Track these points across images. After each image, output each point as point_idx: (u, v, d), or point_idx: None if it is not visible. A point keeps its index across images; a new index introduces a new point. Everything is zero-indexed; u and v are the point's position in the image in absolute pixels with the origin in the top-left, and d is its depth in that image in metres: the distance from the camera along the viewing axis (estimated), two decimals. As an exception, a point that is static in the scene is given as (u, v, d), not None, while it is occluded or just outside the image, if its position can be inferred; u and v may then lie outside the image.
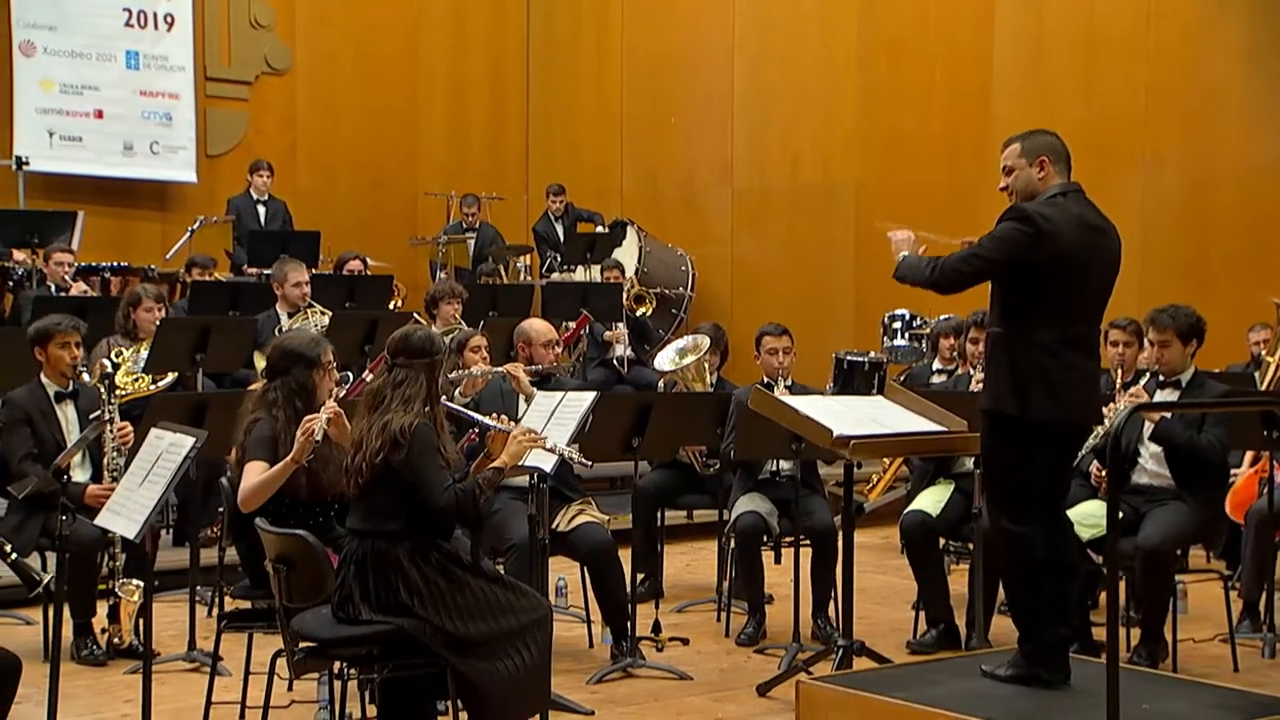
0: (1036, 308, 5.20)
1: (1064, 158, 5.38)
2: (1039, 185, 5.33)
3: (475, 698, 4.76)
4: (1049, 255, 5.15)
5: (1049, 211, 5.21)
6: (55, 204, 12.49)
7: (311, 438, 5.01)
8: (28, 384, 6.80)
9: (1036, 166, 5.34)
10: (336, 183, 14.66)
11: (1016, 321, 5.24)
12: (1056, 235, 5.15)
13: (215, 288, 10.20)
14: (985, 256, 5.24)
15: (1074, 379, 5.21)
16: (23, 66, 13.08)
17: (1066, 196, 5.29)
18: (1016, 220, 5.20)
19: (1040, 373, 5.15)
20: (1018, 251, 5.17)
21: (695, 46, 14.65)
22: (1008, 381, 5.21)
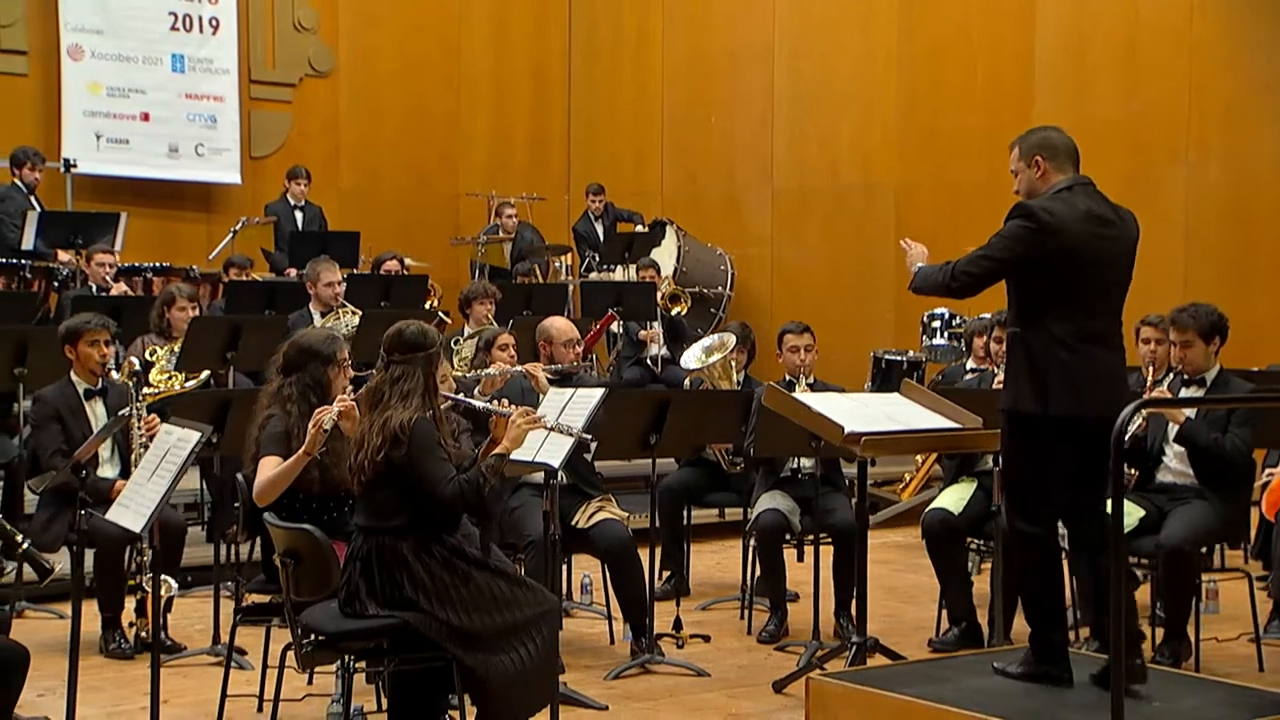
0: (1049, 303, 5.16)
1: (1063, 152, 5.29)
2: (1039, 184, 5.27)
3: (481, 691, 4.80)
4: (1056, 249, 5.10)
5: (1053, 205, 5.16)
6: (102, 205, 12.67)
7: (321, 429, 5.06)
8: (58, 382, 6.92)
9: (1033, 167, 5.28)
10: (379, 183, 14.78)
11: (1031, 318, 5.21)
12: (1061, 228, 5.10)
13: (251, 287, 10.31)
14: (993, 257, 5.20)
15: (1093, 373, 5.15)
16: (71, 70, 13.27)
17: (1073, 190, 5.22)
18: (1020, 217, 5.16)
19: (1059, 368, 5.11)
20: (1024, 248, 5.12)
21: (736, 46, 14.66)
22: (1026, 379, 5.17)
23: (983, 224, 13.87)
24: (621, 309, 10.81)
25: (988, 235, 5.45)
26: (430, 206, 14.86)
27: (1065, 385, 5.11)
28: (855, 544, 7.00)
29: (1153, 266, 11.52)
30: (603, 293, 11.07)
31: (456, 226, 14.55)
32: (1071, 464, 5.21)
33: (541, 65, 15.78)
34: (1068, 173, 5.28)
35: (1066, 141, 5.35)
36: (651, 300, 11.09)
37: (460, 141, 15.32)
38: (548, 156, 15.75)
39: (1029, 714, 4.88)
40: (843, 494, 7.30)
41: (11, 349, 7.55)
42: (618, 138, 15.61)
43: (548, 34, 15.80)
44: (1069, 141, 5.36)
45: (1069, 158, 5.31)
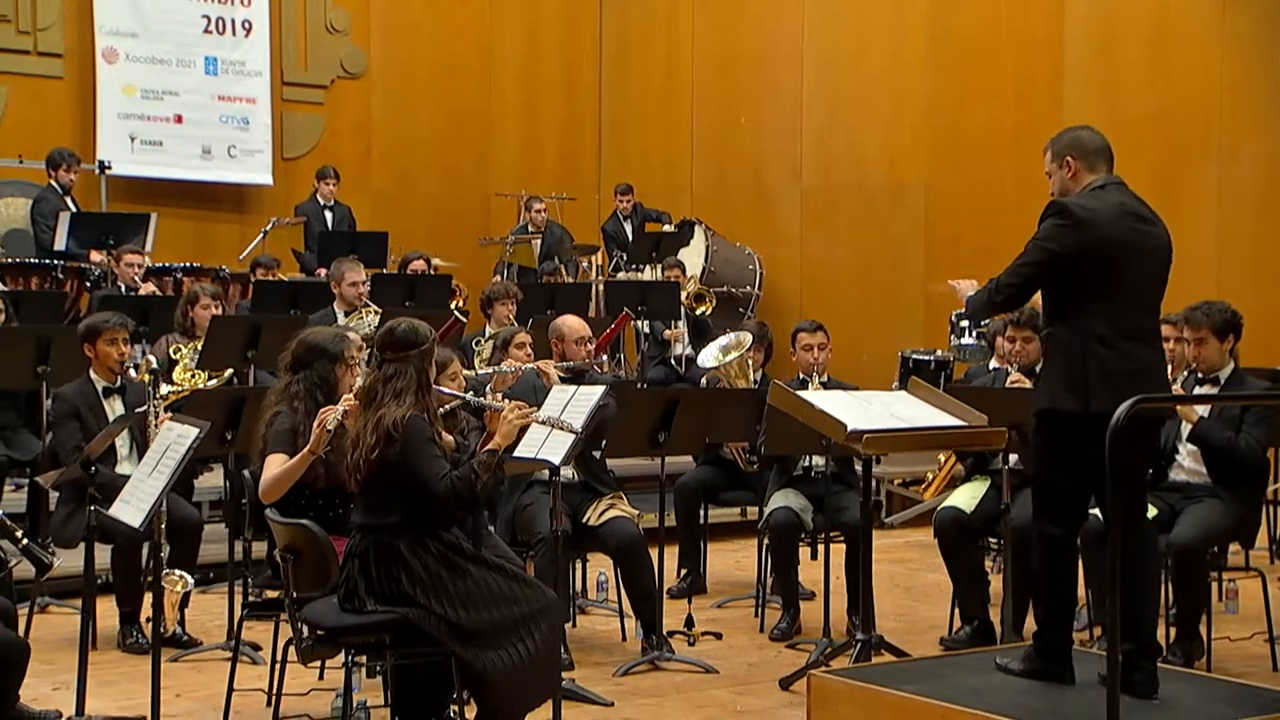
0: (1086, 299, 5.10)
1: (1094, 151, 5.26)
2: (1071, 184, 5.24)
3: (480, 686, 4.85)
4: (1091, 242, 5.05)
5: (1087, 201, 5.14)
6: (137, 207, 12.80)
7: (325, 429, 5.12)
8: (78, 380, 7.02)
9: (1065, 168, 5.26)
10: (410, 184, 14.88)
11: (1067, 316, 5.15)
12: (1097, 222, 5.07)
13: (276, 287, 10.41)
14: (1032, 261, 5.15)
15: (1131, 370, 5.09)
16: (106, 73, 13.41)
17: (1105, 188, 5.19)
18: (1054, 215, 5.14)
19: (1098, 365, 5.05)
20: (1060, 244, 5.07)
21: (764, 46, 14.67)
22: (1065, 378, 5.11)
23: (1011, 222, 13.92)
24: (644, 308, 10.83)
25: (1016, 233, 5.42)
26: (461, 207, 14.93)
27: (1104, 383, 5.03)
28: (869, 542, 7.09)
29: (1184, 263, 11.40)
30: (626, 292, 11.10)
31: (487, 227, 14.63)
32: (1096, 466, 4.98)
33: (572, 66, 15.84)
34: (1100, 172, 5.25)
35: (1098, 141, 5.30)
36: (675, 300, 11.12)
37: (491, 142, 15.40)
38: (578, 157, 15.81)
39: (1027, 710, 4.88)
40: (855, 492, 7.25)
41: (35, 347, 7.67)
42: (648, 138, 15.65)
43: (579, 35, 15.85)
44: (1101, 141, 5.31)
45: (1101, 157, 5.28)
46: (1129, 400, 4.72)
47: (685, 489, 8.05)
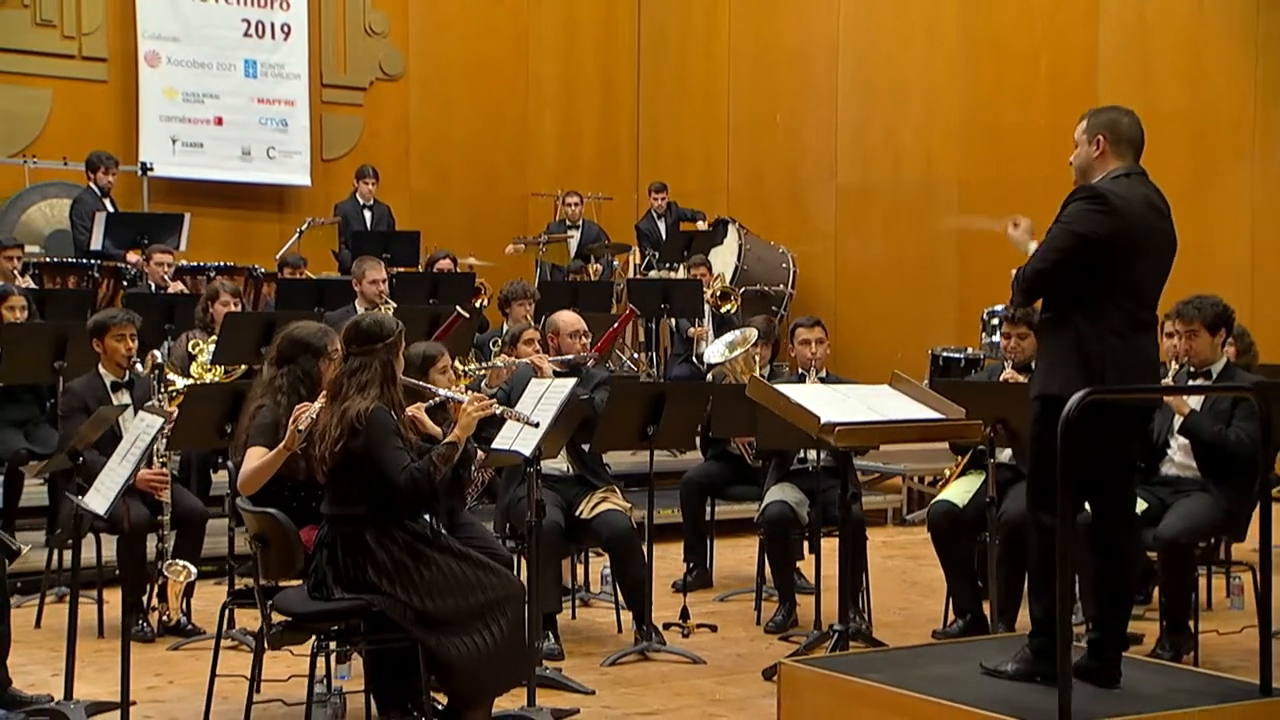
0: (1105, 289, 5.02)
1: (1127, 139, 5.13)
2: (1095, 164, 5.13)
3: (446, 672, 4.97)
4: (1118, 232, 4.96)
5: (1118, 189, 5.04)
6: (178, 207, 13.05)
7: (297, 428, 5.21)
8: (87, 374, 7.21)
9: (1093, 144, 5.13)
10: (449, 184, 15.07)
11: (1084, 303, 5.05)
12: (1127, 212, 4.99)
13: (301, 285, 10.58)
14: (1061, 246, 5.02)
15: (1138, 362, 5.07)
16: (148, 76, 13.71)
17: (1130, 178, 5.09)
18: (1086, 199, 5.02)
19: (1111, 355, 4.99)
20: (1092, 229, 4.95)
21: (800, 44, 14.73)
22: (1076, 364, 5.00)
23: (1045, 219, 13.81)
24: (666, 306, 10.92)
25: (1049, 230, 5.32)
26: (499, 207, 15.10)
27: (1119, 372, 4.97)
28: (862, 536, 7.16)
29: (1217, 262, 11.49)
30: (649, 290, 11.19)
31: (525, 227, 14.76)
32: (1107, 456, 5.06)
33: (609, 66, 15.97)
34: (1126, 160, 5.13)
35: (1133, 128, 5.18)
36: (699, 298, 11.18)
37: (529, 142, 15.56)
38: (616, 156, 15.93)
39: (984, 699, 4.90)
40: (852, 486, 7.33)
41: (53, 343, 7.87)
42: (685, 137, 15.74)
43: (616, 35, 15.98)
44: (1137, 130, 5.18)
45: (1130, 146, 5.16)
46: (1080, 392, 4.77)
47: (691, 484, 8.12)
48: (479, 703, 5.08)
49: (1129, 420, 5.13)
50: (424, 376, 6.18)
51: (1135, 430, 5.23)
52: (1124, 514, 5.21)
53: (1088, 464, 4.90)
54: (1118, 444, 5.09)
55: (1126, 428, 5.12)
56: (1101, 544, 5.17)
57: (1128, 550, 5.21)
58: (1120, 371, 4.97)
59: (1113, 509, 5.17)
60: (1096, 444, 4.92)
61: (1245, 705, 5.00)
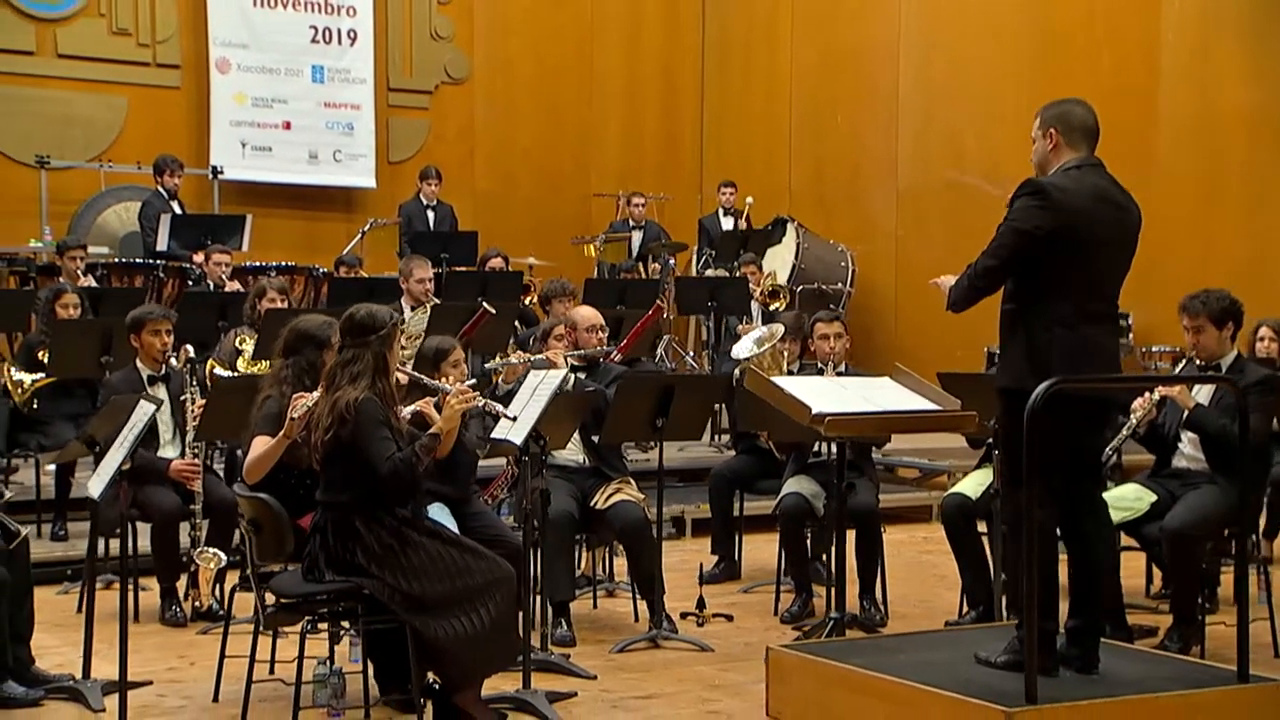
0: (1052, 282, 5.10)
1: (1079, 129, 5.22)
2: (1050, 157, 5.23)
3: (434, 653, 5.13)
4: (1062, 225, 5.04)
5: (1062, 182, 5.12)
6: (247, 209, 13.40)
7: (291, 416, 5.40)
8: (125, 368, 7.48)
9: (1047, 139, 5.24)
10: (513, 185, 15.30)
11: (1032, 296, 5.16)
12: (1069, 206, 5.05)
13: (353, 283, 10.83)
14: (1009, 243, 5.14)
15: (1092, 353, 5.12)
16: (219, 82, 14.08)
17: (1082, 170, 5.17)
18: (1028, 195, 5.12)
19: (1059, 347, 5.07)
20: (1034, 225, 5.06)
21: (862, 44, 14.76)
22: (1025, 357, 5.13)
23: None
24: (714, 304, 11.04)
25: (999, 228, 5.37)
26: (562, 207, 15.30)
27: (1067, 363, 5.04)
28: (877, 528, 7.24)
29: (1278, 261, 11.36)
30: (697, 288, 11.31)
31: (588, 227, 14.94)
32: (1067, 448, 5.14)
33: (673, 67, 16.12)
34: (1080, 151, 5.21)
35: (1087, 119, 5.25)
36: (746, 295, 11.28)
37: (592, 143, 15.76)
38: (679, 157, 16.07)
39: (956, 683, 4.98)
40: (867, 478, 7.42)
41: (99, 339, 8.17)
42: (748, 137, 15.84)
43: (679, 36, 16.12)
44: (1090, 120, 5.26)
45: (1084, 136, 5.23)
46: (1047, 382, 4.84)
47: (719, 478, 8.23)
48: (467, 684, 5.23)
49: (1087, 411, 5.17)
50: (437, 370, 6.39)
51: (1095, 421, 5.27)
52: (1091, 504, 5.26)
53: (1052, 457, 4.97)
54: (1079, 435, 5.14)
55: (1086, 419, 5.16)
56: (1070, 534, 5.23)
57: (1096, 540, 5.26)
58: (1069, 362, 5.04)
59: (1079, 499, 5.22)
60: (1058, 435, 4.99)
61: (1220, 691, 5.07)
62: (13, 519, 5.26)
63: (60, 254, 10.74)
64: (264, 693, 5.65)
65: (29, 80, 13.66)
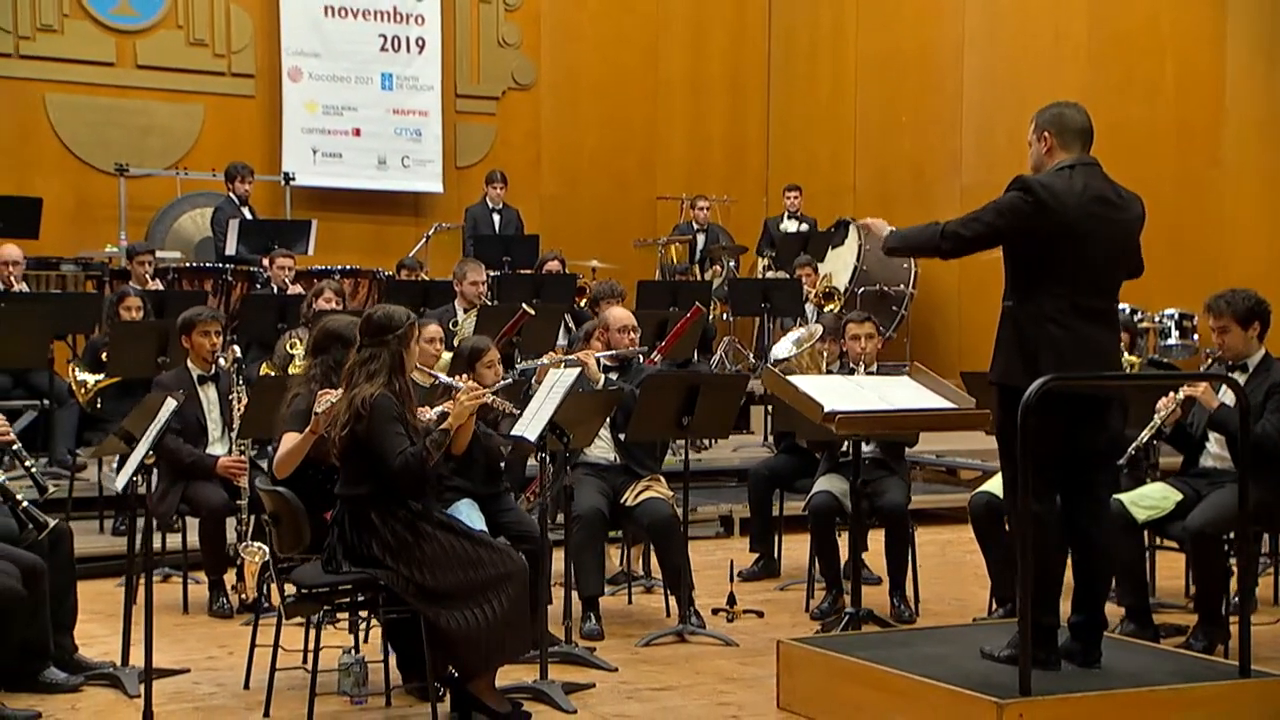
0: (1042, 279, 5.21)
1: (1072, 131, 5.33)
2: (1045, 160, 5.35)
3: (446, 642, 5.29)
4: (1050, 225, 5.15)
5: (1051, 182, 5.22)
6: (318, 215, 13.74)
7: (315, 410, 5.60)
8: (176, 368, 7.74)
9: (1041, 141, 5.36)
10: (578, 189, 15.51)
11: (1023, 293, 5.27)
12: (1058, 205, 5.16)
13: (410, 285, 11.06)
14: (986, 221, 5.27)
15: (1084, 350, 5.21)
16: (290, 91, 14.42)
17: (1074, 169, 5.27)
18: (1018, 190, 5.24)
19: (1049, 343, 5.17)
20: (1018, 220, 5.18)
21: (926, 44, 14.80)
22: (1016, 352, 5.24)
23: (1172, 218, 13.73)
24: (767, 306, 11.15)
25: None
26: (627, 211, 15.45)
27: (1055, 359, 5.13)
28: (905, 526, 7.31)
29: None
30: (749, 290, 11.42)
31: (653, 229, 15.09)
32: (1060, 440, 5.22)
33: (738, 70, 16.24)
34: (1073, 152, 5.32)
35: (1080, 121, 5.36)
36: (799, 297, 11.37)
37: (658, 146, 15.93)
38: (745, 159, 16.17)
39: (955, 675, 5.07)
40: (898, 478, 7.49)
41: (156, 340, 8.45)
42: (813, 139, 15.92)
43: (745, 39, 16.24)
44: (1083, 121, 5.37)
45: (1077, 138, 5.35)
46: (1040, 380, 4.92)
47: (758, 477, 8.34)
48: (479, 672, 5.39)
49: (1081, 408, 5.23)
50: (472, 369, 6.58)
51: (1089, 418, 5.32)
52: (1091, 501, 5.32)
53: (1047, 452, 5.05)
54: (1073, 431, 5.20)
55: (1079, 415, 5.22)
56: (1070, 531, 5.29)
57: (1096, 536, 5.31)
58: (1059, 358, 5.12)
59: (1079, 496, 5.28)
60: (1055, 432, 5.06)
61: (1219, 685, 5.11)
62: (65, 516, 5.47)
63: (130, 259, 11.07)
64: (293, 680, 5.84)
65: (110, 91, 14.07)
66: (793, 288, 11.46)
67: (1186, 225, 13.19)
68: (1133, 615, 6.68)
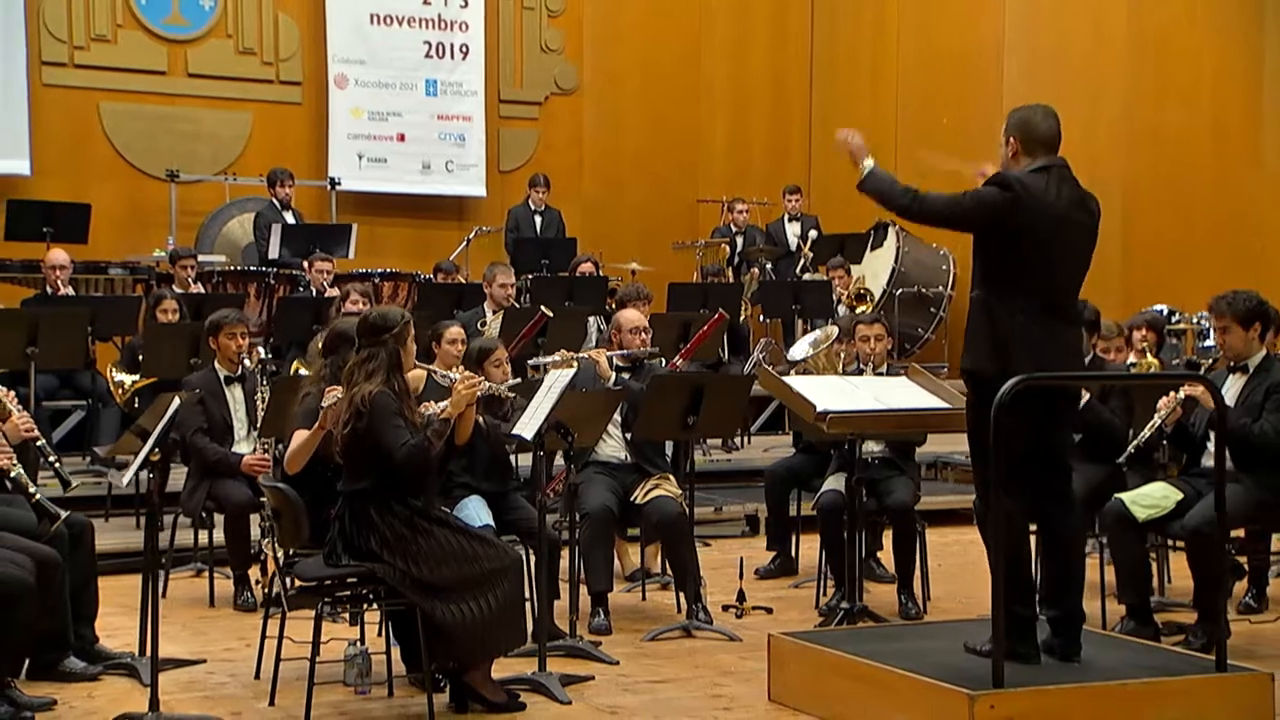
0: (1016, 273, 5.33)
1: (1036, 136, 5.46)
2: (1011, 164, 5.49)
3: (441, 634, 5.46)
4: (1026, 222, 5.28)
5: (1029, 180, 5.35)
6: (363, 219, 14.07)
7: (321, 406, 5.80)
8: (204, 369, 7.98)
9: (1007, 146, 5.51)
10: (620, 192, 15.68)
11: (997, 286, 5.38)
12: (1034, 204, 5.29)
13: (443, 289, 11.28)
14: (963, 206, 5.39)
15: (1054, 344, 5.32)
16: (336, 97, 14.69)
17: (1049, 170, 5.41)
18: (998, 185, 5.37)
19: (1021, 335, 5.28)
20: (993, 213, 5.31)
21: (966, 46, 14.86)
22: (988, 341, 5.34)
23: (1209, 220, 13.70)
24: (798, 307, 11.27)
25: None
26: (669, 213, 15.57)
27: (1026, 350, 5.25)
28: (912, 525, 7.42)
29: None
30: (780, 292, 11.54)
31: (694, 232, 15.20)
32: (1028, 434, 5.30)
33: (780, 73, 16.36)
34: (1036, 156, 5.45)
35: (1045, 125, 5.48)
36: (829, 299, 11.46)
37: (699, 149, 16.07)
38: (786, 161, 16.26)
39: (934, 668, 5.18)
40: (906, 477, 7.58)
41: (188, 342, 8.71)
42: (854, 141, 15.95)
43: (787, 42, 16.35)
44: (1048, 127, 5.49)
45: (1041, 143, 5.47)
46: (1013, 379, 5.03)
47: (774, 476, 8.46)
48: (474, 664, 5.56)
49: (1048, 405, 5.33)
50: (480, 367, 6.77)
51: (1056, 415, 5.42)
52: (1059, 496, 5.42)
53: (1017, 447, 5.16)
54: (1040, 427, 5.30)
55: (1046, 412, 5.32)
56: (1041, 526, 5.39)
57: (1065, 531, 5.41)
58: (1032, 353, 5.24)
59: (1048, 491, 5.39)
60: (1024, 428, 5.16)
61: (1192, 679, 5.21)
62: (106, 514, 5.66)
63: (172, 263, 11.35)
64: (302, 671, 5.98)
65: (161, 99, 14.39)
66: (823, 290, 11.56)
67: (1224, 227, 13.19)
68: (1133, 613, 6.75)
